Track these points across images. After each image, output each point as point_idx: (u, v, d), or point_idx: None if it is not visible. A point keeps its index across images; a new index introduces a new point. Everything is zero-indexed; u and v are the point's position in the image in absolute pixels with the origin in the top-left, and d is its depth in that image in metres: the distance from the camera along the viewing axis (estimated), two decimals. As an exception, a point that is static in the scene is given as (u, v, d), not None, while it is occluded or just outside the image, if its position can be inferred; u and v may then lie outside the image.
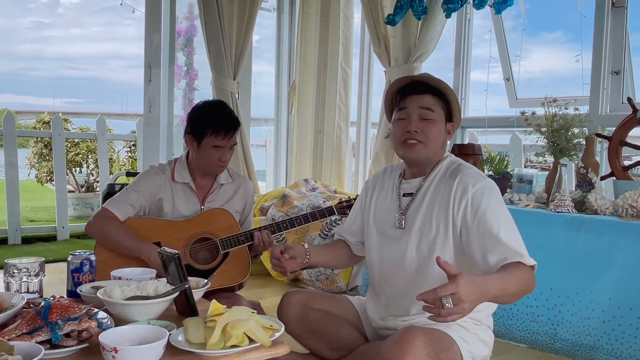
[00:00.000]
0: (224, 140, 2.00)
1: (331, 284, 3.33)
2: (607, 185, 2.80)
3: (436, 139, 1.62)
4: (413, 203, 1.64)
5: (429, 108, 1.60)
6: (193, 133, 2.04)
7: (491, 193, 1.54)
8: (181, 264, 1.41)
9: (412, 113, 1.61)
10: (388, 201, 1.71)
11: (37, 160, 6.57)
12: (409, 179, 1.69)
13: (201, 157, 2.05)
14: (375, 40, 3.94)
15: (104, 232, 2.00)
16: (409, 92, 1.63)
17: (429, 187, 1.63)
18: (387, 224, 1.68)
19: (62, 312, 1.19)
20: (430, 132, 1.60)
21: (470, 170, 1.60)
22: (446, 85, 1.64)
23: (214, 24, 4.23)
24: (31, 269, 1.55)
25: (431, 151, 1.62)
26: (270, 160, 5.21)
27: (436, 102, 1.61)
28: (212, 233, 2.05)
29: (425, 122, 1.60)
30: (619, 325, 2.22)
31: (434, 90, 1.62)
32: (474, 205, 1.51)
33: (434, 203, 1.59)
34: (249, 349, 1.21)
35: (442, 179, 1.61)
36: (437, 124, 1.61)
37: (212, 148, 2.01)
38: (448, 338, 1.48)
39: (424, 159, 1.64)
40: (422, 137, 1.60)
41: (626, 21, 3.06)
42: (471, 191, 1.53)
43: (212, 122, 2.00)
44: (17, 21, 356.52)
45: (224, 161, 2.05)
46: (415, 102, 1.61)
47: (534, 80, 5.33)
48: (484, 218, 1.49)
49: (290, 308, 1.78)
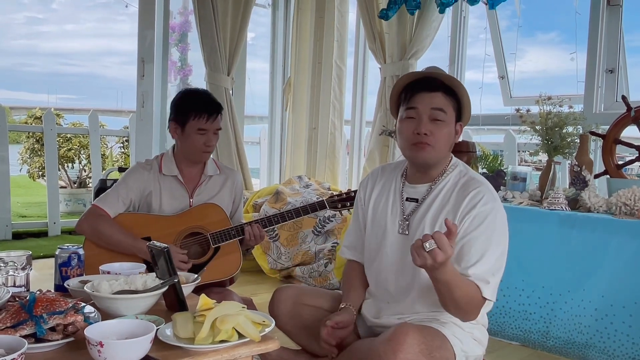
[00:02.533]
0: (207, 122, 2.01)
1: (324, 281, 3.31)
2: (600, 183, 2.80)
3: (445, 141, 1.55)
4: (418, 210, 1.58)
5: (441, 109, 1.52)
6: (176, 119, 2.05)
7: (496, 216, 1.50)
8: (171, 258, 1.39)
9: (422, 113, 1.52)
10: (389, 204, 1.64)
11: (29, 155, 6.52)
12: (414, 183, 1.62)
13: (186, 142, 2.04)
14: (371, 36, 3.92)
15: (97, 230, 1.98)
16: (419, 89, 1.53)
17: (437, 196, 1.56)
18: (389, 228, 1.62)
19: (47, 306, 1.17)
20: (440, 134, 1.52)
21: (485, 187, 1.54)
22: (459, 82, 1.56)
23: (208, 18, 4.20)
24: (18, 262, 1.52)
25: (440, 154, 1.56)
26: (264, 158, 5.19)
27: (448, 101, 1.53)
28: (203, 228, 2.04)
29: (436, 123, 1.52)
30: (611, 323, 2.22)
31: (445, 87, 1.53)
32: (475, 221, 1.48)
33: (440, 214, 1.54)
34: (238, 344, 1.19)
35: (451, 190, 1.55)
36: (448, 126, 1.54)
37: (196, 132, 2.01)
38: (441, 336, 1.46)
39: (432, 161, 1.57)
40: (432, 140, 1.52)
41: (621, 19, 3.06)
42: (479, 208, 1.49)
43: (194, 105, 2.02)
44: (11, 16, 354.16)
45: (209, 146, 2.04)
46: (426, 101, 1.52)
47: (528, 80, 5.34)
48: (477, 237, 1.47)
49: (281, 304, 1.76)
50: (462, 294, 1.41)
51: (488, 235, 1.48)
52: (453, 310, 1.47)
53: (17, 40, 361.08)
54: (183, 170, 2.11)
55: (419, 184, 1.61)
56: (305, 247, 3.40)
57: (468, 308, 1.46)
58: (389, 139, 3.75)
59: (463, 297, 1.42)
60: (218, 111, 2.04)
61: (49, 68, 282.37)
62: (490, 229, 1.48)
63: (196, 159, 2.08)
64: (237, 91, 4.65)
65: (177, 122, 2.04)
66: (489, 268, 1.46)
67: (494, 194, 1.54)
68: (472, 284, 1.44)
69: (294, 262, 3.44)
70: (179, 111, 2.04)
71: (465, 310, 1.47)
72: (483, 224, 1.48)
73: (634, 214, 2.26)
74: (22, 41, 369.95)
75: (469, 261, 1.46)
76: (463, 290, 1.41)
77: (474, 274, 1.45)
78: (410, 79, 1.58)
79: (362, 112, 4.44)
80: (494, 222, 1.49)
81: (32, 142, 6.42)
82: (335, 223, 3.40)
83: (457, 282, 1.39)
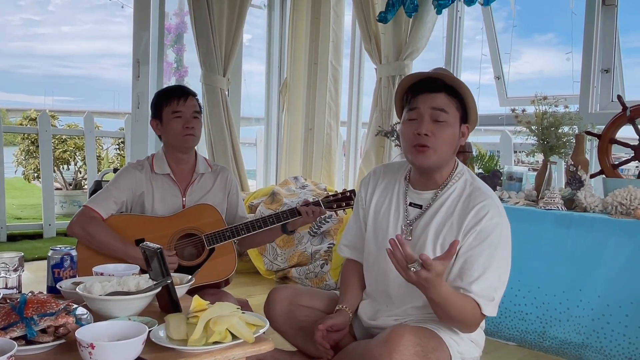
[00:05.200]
0: (179, 104, 2.05)
1: (320, 282, 3.30)
2: (596, 183, 2.80)
3: (448, 143, 1.50)
4: (423, 217, 1.55)
5: (442, 109, 1.48)
6: (154, 115, 2.11)
7: (501, 232, 1.48)
8: (164, 259, 1.37)
9: (423, 114, 1.49)
10: (392, 207, 1.62)
11: (24, 157, 6.49)
12: (419, 189, 1.59)
13: (167, 132, 2.07)
14: (366, 37, 3.92)
15: (89, 233, 1.96)
16: (421, 90, 1.51)
17: (442, 205, 1.53)
18: (391, 231, 1.59)
19: (38, 308, 1.15)
20: (442, 135, 1.48)
21: (492, 200, 1.50)
22: (462, 83, 1.51)
23: (203, 19, 4.19)
24: (10, 264, 1.50)
25: (442, 157, 1.51)
26: (261, 159, 5.18)
27: (450, 101, 1.50)
28: (198, 229, 2.02)
29: (437, 124, 1.48)
30: (607, 324, 2.21)
31: (448, 88, 1.50)
32: (479, 237, 1.46)
33: (444, 224, 1.51)
34: (232, 346, 1.19)
35: (457, 201, 1.52)
36: (451, 127, 1.50)
37: (173, 117, 2.05)
38: (437, 337, 1.45)
39: (434, 165, 1.52)
40: (432, 142, 1.48)
41: (616, 19, 3.06)
42: (484, 223, 1.46)
43: (164, 94, 2.10)
44: (7, 18, 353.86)
45: (189, 127, 2.05)
46: (428, 101, 1.49)
47: (524, 81, 5.35)
48: (480, 253, 1.45)
49: (277, 305, 1.75)
50: (458, 312, 1.41)
51: (492, 251, 1.46)
52: (450, 324, 1.48)
53: (13, 42, 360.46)
54: (174, 169, 2.10)
55: (423, 191, 1.58)
56: (302, 248, 3.39)
57: (465, 324, 1.47)
58: (385, 140, 3.74)
59: (459, 315, 1.42)
60: (188, 94, 2.08)
61: (46, 70, 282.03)
62: (494, 245, 1.46)
63: (181, 145, 2.07)
64: (233, 92, 4.64)
65: (156, 117, 2.10)
66: (492, 284, 1.45)
67: (499, 209, 1.51)
68: (470, 301, 1.43)
69: (290, 263, 3.43)
70: (155, 106, 2.12)
71: (462, 325, 1.47)
72: (487, 239, 1.46)
73: (630, 214, 2.26)
74: (18, 43, 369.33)
75: (472, 276, 1.45)
76: (459, 309, 1.41)
77: (476, 290, 1.44)
78: (414, 80, 1.55)
79: (358, 113, 4.44)
80: (498, 238, 1.47)
81: (27, 143, 6.39)
82: (332, 224, 3.39)
83: (453, 301, 1.39)
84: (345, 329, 1.63)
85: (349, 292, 1.71)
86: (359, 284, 1.73)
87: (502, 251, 1.48)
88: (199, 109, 2.10)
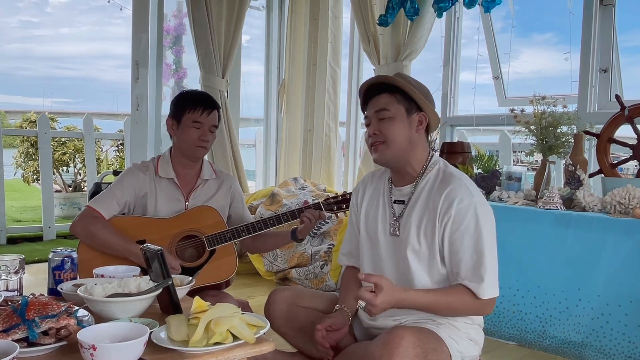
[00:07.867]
0: (202, 115, 2.03)
1: (320, 283, 3.30)
2: (595, 182, 2.81)
3: (398, 135, 1.57)
4: (405, 212, 1.60)
5: (383, 108, 1.58)
6: (174, 115, 2.08)
7: (476, 212, 1.49)
8: (165, 261, 1.38)
9: (371, 117, 1.61)
10: (380, 207, 1.67)
11: (24, 159, 6.50)
12: (399, 186, 1.65)
13: (181, 137, 2.05)
14: (365, 38, 3.92)
15: (90, 232, 1.96)
16: (369, 97, 1.62)
17: (419, 196, 1.58)
18: (380, 230, 1.64)
19: (39, 310, 1.16)
20: (388, 130, 1.57)
21: (460, 182, 1.53)
22: (397, 79, 1.58)
23: (202, 21, 4.20)
24: (11, 266, 1.51)
25: (397, 148, 1.57)
26: (260, 160, 5.19)
27: (392, 99, 1.58)
28: (199, 230, 2.02)
29: (382, 122, 1.58)
30: (607, 323, 2.22)
31: (389, 87, 1.59)
32: (455, 223, 1.49)
33: (423, 214, 1.55)
34: (233, 347, 1.19)
35: (430, 191, 1.57)
36: (396, 121, 1.57)
37: (192, 125, 2.02)
38: (437, 337, 1.46)
39: (393, 158, 1.59)
40: (381, 137, 1.57)
41: (614, 19, 3.07)
42: (456, 208, 1.49)
43: (191, 99, 2.06)
44: (5, 20, 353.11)
45: (204, 141, 2.04)
46: (373, 105, 1.60)
47: (523, 81, 5.35)
48: (461, 238, 1.48)
49: (277, 306, 1.75)
50: (449, 307, 1.49)
51: (470, 234, 1.48)
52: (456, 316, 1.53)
53: (11, 44, 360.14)
54: (179, 173, 2.09)
55: (402, 186, 1.64)
56: (301, 249, 3.40)
57: (468, 312, 1.51)
58: (384, 140, 3.74)
59: (451, 310, 1.49)
60: (214, 107, 2.06)
61: (44, 72, 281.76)
62: (471, 228, 1.48)
63: (191, 154, 2.07)
64: (232, 93, 4.64)
65: (174, 117, 2.07)
66: (479, 266, 1.47)
67: (470, 189, 1.53)
68: (460, 292, 1.47)
69: (290, 264, 3.43)
70: (177, 106, 2.07)
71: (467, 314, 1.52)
72: (463, 224, 1.48)
73: (629, 213, 2.27)
74: (16, 45, 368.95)
75: (456, 264, 1.49)
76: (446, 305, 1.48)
77: (463, 276, 1.47)
78: (362, 92, 1.66)
79: (357, 114, 4.44)
80: (474, 219, 1.49)
81: (27, 146, 6.39)
82: (331, 225, 3.40)
83: (437, 304, 1.48)
84: (345, 329, 1.64)
85: (349, 294, 1.73)
86: (359, 286, 1.74)
87: (482, 230, 1.49)
88: (217, 124, 2.09)
